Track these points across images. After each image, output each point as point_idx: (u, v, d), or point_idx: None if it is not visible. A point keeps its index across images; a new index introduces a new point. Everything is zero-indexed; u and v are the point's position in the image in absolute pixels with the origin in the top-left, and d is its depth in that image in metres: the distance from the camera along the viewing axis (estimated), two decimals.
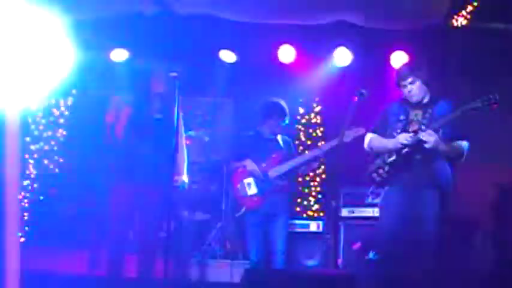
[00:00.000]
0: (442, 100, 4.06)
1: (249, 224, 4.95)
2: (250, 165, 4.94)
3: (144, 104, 4.50)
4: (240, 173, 5.00)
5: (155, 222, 4.59)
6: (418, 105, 4.08)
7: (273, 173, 4.92)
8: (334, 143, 4.86)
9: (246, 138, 5.15)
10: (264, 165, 4.95)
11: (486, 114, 3.80)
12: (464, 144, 3.96)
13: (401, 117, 4.08)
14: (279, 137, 5.10)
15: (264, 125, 5.06)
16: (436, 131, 3.84)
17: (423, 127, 3.92)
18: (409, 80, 4.05)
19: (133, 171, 4.39)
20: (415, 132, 3.93)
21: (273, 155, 5.00)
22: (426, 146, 3.84)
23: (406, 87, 4.07)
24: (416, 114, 4.06)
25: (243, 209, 4.93)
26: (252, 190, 4.93)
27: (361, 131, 4.55)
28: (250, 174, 4.95)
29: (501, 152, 5.97)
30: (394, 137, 4.03)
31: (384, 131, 4.16)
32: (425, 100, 4.09)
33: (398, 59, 6.43)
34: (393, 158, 4.02)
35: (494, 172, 5.83)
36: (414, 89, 4.05)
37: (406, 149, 3.96)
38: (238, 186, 4.98)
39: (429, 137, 3.82)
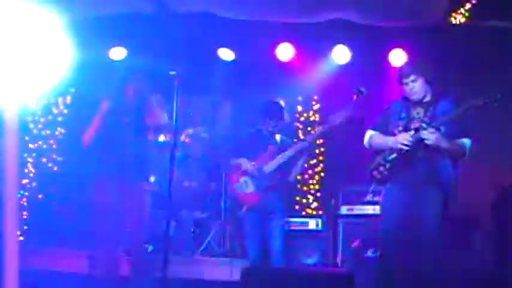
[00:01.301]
0: (443, 98, 4.04)
1: (246, 224, 4.96)
2: (244, 163, 4.96)
3: (120, 108, 4.55)
4: (236, 172, 5.02)
5: (143, 222, 4.64)
6: (420, 103, 4.07)
7: (267, 168, 4.93)
8: (320, 130, 5.02)
9: (246, 136, 5.17)
10: (257, 162, 4.96)
11: (486, 113, 3.79)
12: (466, 142, 3.94)
13: (403, 115, 4.07)
14: (278, 137, 5.10)
15: (263, 124, 5.07)
16: (437, 129, 3.84)
17: (424, 125, 3.91)
18: (412, 77, 4.04)
19: (110, 172, 4.45)
20: (416, 129, 3.93)
21: (267, 152, 5.01)
22: (427, 143, 3.84)
23: (408, 85, 4.06)
24: (418, 112, 4.05)
25: (245, 208, 4.94)
26: (250, 188, 4.95)
27: (344, 113, 4.51)
28: (245, 172, 4.96)
29: (501, 151, 5.97)
30: (395, 134, 4.02)
31: (384, 129, 4.15)
32: (427, 98, 4.08)
33: (397, 56, 6.44)
34: (394, 155, 4.01)
35: (495, 172, 5.83)
36: (416, 87, 4.04)
37: (407, 147, 3.95)
38: (236, 185, 4.99)
39: (430, 135, 3.81)
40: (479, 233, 5.59)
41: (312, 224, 5.96)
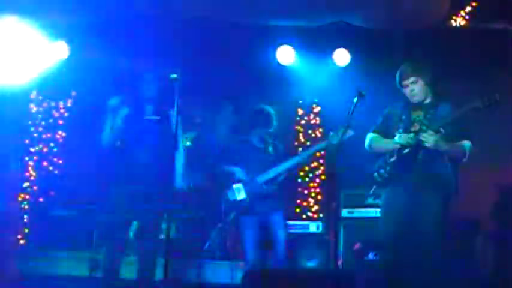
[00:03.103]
0: (443, 101, 4.05)
1: (243, 226, 4.97)
2: (238, 171, 4.96)
3: (137, 108, 4.52)
4: (229, 179, 5.02)
5: (154, 224, 4.61)
6: (420, 105, 4.07)
7: (261, 178, 4.94)
8: (319, 146, 5.04)
9: (237, 145, 5.17)
10: (252, 171, 4.96)
11: (486, 115, 3.79)
12: (467, 144, 3.94)
13: (403, 118, 4.08)
14: (270, 143, 5.10)
15: (252, 133, 5.08)
16: (437, 131, 3.84)
17: (424, 127, 3.91)
18: (412, 79, 4.04)
19: (131, 174, 4.41)
20: (416, 132, 3.93)
21: (262, 161, 5.01)
22: (426, 146, 3.84)
23: (408, 87, 4.06)
24: (418, 115, 4.05)
25: (233, 214, 4.97)
26: (241, 195, 4.95)
27: (349, 133, 4.48)
28: (239, 180, 4.97)
29: (501, 152, 5.98)
30: (395, 137, 4.02)
31: (385, 132, 4.15)
32: (427, 101, 4.09)
33: (398, 59, 6.44)
34: (394, 158, 4.02)
35: (495, 172, 5.84)
36: (416, 89, 4.04)
37: (407, 150, 3.95)
38: (228, 191, 5.00)
39: (429, 138, 3.81)
40: (479, 235, 5.59)
41: (313, 227, 5.96)
